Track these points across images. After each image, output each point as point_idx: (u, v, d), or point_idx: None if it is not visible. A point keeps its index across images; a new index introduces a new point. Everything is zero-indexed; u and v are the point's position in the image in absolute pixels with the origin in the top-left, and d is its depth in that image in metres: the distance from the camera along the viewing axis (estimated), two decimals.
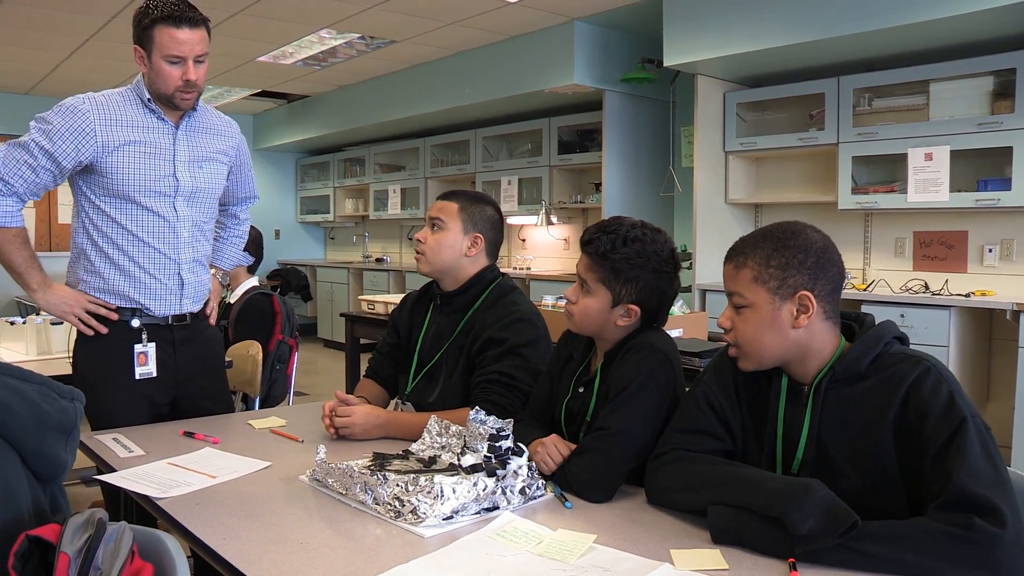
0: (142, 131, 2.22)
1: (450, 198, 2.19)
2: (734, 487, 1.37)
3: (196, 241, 2.34)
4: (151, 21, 2.12)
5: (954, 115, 4.42)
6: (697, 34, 4.91)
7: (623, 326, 1.74)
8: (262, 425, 2.16)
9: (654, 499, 1.53)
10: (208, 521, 1.44)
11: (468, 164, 7.75)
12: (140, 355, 2.27)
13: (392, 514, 1.45)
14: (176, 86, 2.17)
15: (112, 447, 1.92)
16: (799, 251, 1.42)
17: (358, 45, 6.45)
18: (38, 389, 1.31)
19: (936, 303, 4.27)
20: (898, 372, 1.36)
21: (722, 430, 1.52)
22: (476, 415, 1.67)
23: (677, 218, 6.35)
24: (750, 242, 1.47)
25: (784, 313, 1.42)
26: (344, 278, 9.10)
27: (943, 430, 1.28)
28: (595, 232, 1.75)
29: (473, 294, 2.16)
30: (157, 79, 2.17)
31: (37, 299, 2.29)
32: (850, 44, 4.42)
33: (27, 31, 5.97)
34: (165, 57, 2.13)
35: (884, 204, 4.69)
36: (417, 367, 2.21)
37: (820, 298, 1.42)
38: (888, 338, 1.42)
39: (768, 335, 1.44)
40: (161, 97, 2.20)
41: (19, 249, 2.23)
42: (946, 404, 1.30)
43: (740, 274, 1.46)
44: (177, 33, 2.12)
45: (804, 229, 1.45)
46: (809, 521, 1.23)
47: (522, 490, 1.54)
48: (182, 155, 2.27)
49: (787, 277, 1.42)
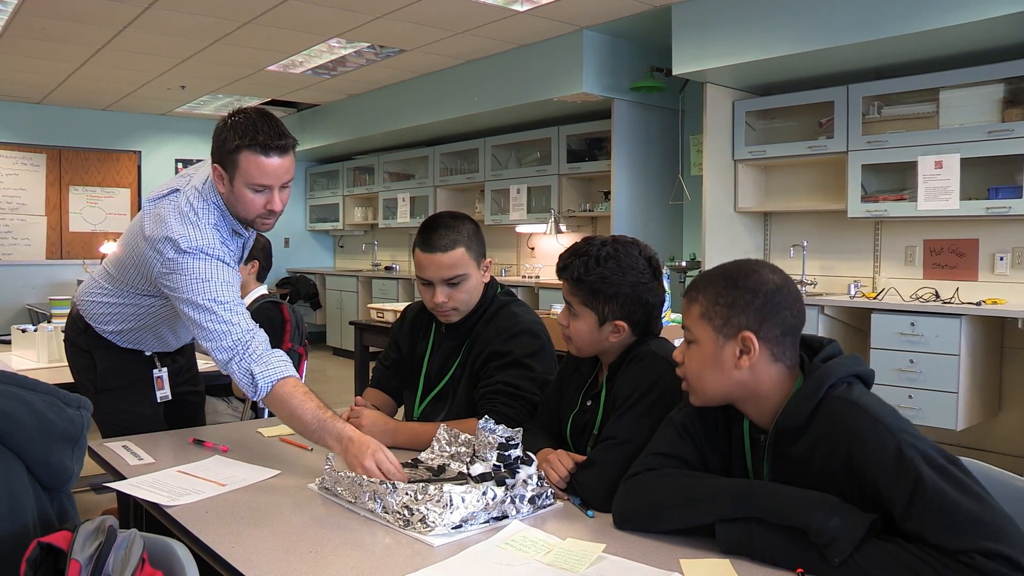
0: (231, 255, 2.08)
1: (450, 247, 2.02)
2: (740, 498, 1.34)
3: None
4: (237, 147, 1.93)
5: (964, 123, 4.40)
6: (706, 43, 4.91)
7: (616, 341, 1.75)
8: (271, 433, 2.16)
9: (629, 522, 1.45)
10: (218, 529, 1.45)
11: (477, 173, 7.76)
12: (158, 379, 2.38)
13: (401, 523, 1.45)
14: (258, 213, 2.02)
15: (122, 455, 1.93)
16: (747, 291, 1.39)
17: (367, 54, 6.48)
18: (43, 398, 1.32)
19: (947, 311, 4.25)
20: (836, 425, 1.30)
21: (698, 462, 1.48)
22: (486, 424, 1.67)
23: (686, 227, 6.35)
24: (705, 278, 1.46)
25: (727, 353, 1.39)
26: (353, 286, 9.11)
27: (900, 490, 1.21)
28: (568, 257, 1.76)
29: (477, 313, 2.15)
30: (237, 204, 2.01)
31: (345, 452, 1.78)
32: (859, 52, 4.41)
33: (40, 41, 6.02)
34: (249, 185, 1.96)
35: (894, 212, 4.68)
36: (424, 392, 2.20)
37: (766, 340, 1.38)
38: (832, 381, 1.34)
39: (710, 372, 1.41)
40: (240, 220, 2.07)
41: (304, 411, 1.84)
42: (894, 461, 1.22)
43: (691, 309, 1.45)
44: (265, 163, 1.94)
45: (761, 269, 1.41)
46: (834, 519, 1.21)
47: (531, 499, 1.54)
48: (244, 254, 2.24)
49: (732, 316, 1.39)
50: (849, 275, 5.15)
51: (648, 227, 6.13)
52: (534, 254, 7.68)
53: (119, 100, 8.27)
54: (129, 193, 9.21)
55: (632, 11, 5.28)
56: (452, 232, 2.05)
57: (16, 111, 8.37)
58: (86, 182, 8.96)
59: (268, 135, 1.93)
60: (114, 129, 8.96)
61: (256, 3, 5.13)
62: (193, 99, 8.23)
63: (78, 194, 8.92)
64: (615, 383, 1.73)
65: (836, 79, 4.91)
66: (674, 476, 1.45)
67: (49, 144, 8.65)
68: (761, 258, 5.68)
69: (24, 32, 5.77)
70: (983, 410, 4.39)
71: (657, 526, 1.42)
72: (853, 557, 1.20)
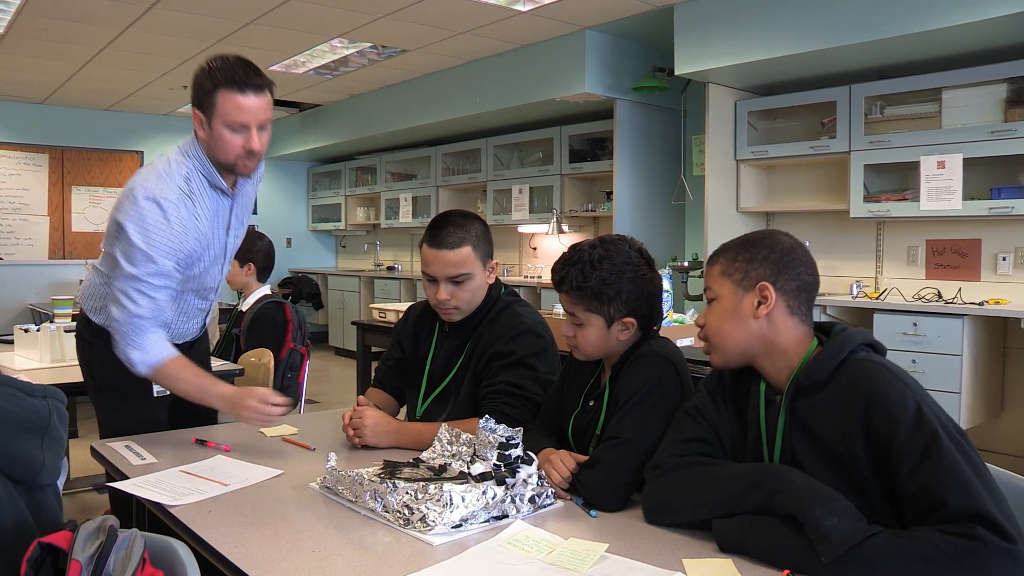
0: (214, 218, 2.14)
1: (457, 245, 2.03)
2: (756, 483, 1.35)
3: (219, 288, 2.37)
4: (213, 85, 1.98)
5: (967, 123, 4.40)
6: (708, 43, 4.91)
7: (625, 339, 1.75)
8: (274, 433, 2.16)
9: (656, 516, 1.48)
10: (220, 528, 1.45)
11: (479, 173, 7.76)
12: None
13: (401, 522, 1.45)
14: (237, 155, 2.04)
15: (124, 455, 1.93)
16: (764, 248, 1.49)
17: (370, 54, 6.49)
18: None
19: (949, 312, 4.25)
20: (859, 381, 1.36)
21: (714, 438, 1.53)
22: (486, 424, 1.67)
23: (688, 227, 6.35)
24: (727, 243, 1.56)
25: (746, 304, 1.47)
26: (355, 286, 9.12)
27: (914, 445, 1.26)
28: (562, 268, 1.77)
29: (481, 313, 2.15)
30: (217, 146, 2.04)
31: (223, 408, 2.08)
32: (862, 52, 4.41)
33: (42, 41, 6.03)
34: (227, 124, 1.99)
35: (896, 212, 4.67)
36: (426, 391, 2.20)
37: (782, 291, 1.46)
38: (853, 345, 1.41)
39: (729, 325, 1.49)
40: (221, 165, 2.09)
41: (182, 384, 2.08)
42: (914, 417, 1.28)
43: (712, 269, 1.54)
44: (241, 100, 1.97)
45: (776, 233, 1.53)
46: (832, 519, 1.22)
47: (531, 499, 1.54)
48: (234, 223, 2.24)
49: (750, 270, 1.48)
50: (851, 275, 5.15)
51: (650, 227, 6.13)
52: (536, 254, 7.68)
53: (121, 100, 8.28)
54: None
55: (634, 11, 5.28)
56: (461, 230, 2.05)
57: (18, 111, 8.38)
58: (88, 182, 8.97)
59: (244, 74, 1.97)
60: (116, 129, 8.97)
61: (258, 3, 5.13)
62: None
63: (80, 194, 8.93)
64: (618, 383, 1.73)
65: (838, 79, 4.91)
66: (693, 469, 1.47)
67: (51, 144, 8.66)
68: None
69: (27, 32, 5.78)
70: (986, 410, 4.39)
71: (682, 519, 1.45)
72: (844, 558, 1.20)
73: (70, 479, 3.99)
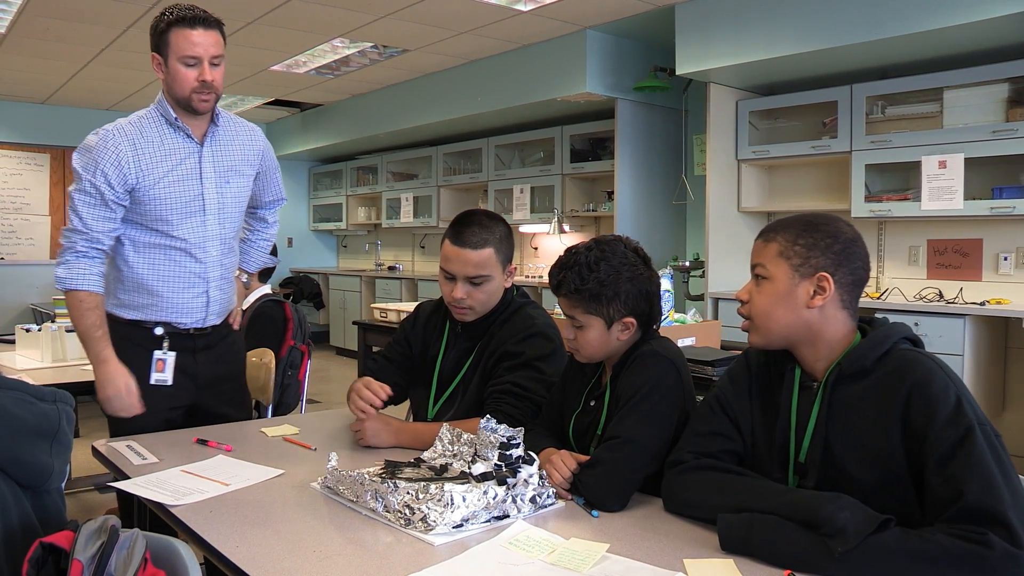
0: (170, 156, 2.23)
1: (480, 245, 2.02)
2: (761, 495, 1.37)
3: (224, 257, 2.36)
4: (166, 25, 2.15)
5: (968, 123, 4.40)
6: (709, 42, 4.91)
7: (626, 339, 1.75)
8: (275, 433, 2.16)
9: (675, 507, 1.52)
10: (221, 528, 1.45)
11: (480, 172, 7.76)
12: (159, 362, 2.30)
13: (402, 522, 1.45)
14: (192, 87, 2.17)
15: (126, 454, 1.93)
16: (827, 236, 1.45)
17: (371, 54, 6.49)
18: (9, 395, 1.30)
19: (951, 311, 4.24)
20: (903, 369, 1.36)
21: (733, 430, 1.54)
22: (487, 423, 1.67)
23: (689, 226, 6.34)
24: (784, 221, 1.51)
25: (801, 291, 1.45)
26: (356, 286, 9.12)
27: (948, 435, 1.26)
28: (559, 273, 1.76)
29: (494, 315, 2.14)
30: (174, 83, 2.18)
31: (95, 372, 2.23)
32: (863, 52, 4.41)
33: (44, 41, 6.03)
34: (181, 59, 2.15)
35: (898, 212, 4.67)
36: (438, 392, 2.19)
37: (839, 284, 1.44)
38: (897, 337, 1.42)
39: (781, 309, 1.46)
40: (180, 102, 2.21)
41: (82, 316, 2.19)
42: (953, 409, 1.28)
43: (767, 248, 1.49)
44: (192, 34, 2.14)
45: (838, 220, 1.49)
46: (845, 512, 1.22)
47: (532, 499, 1.54)
48: (208, 173, 2.29)
49: (811, 257, 1.44)
50: None
51: (651, 227, 6.13)
52: (537, 254, 7.68)
53: (123, 100, 8.28)
54: None
55: (635, 11, 5.27)
56: (485, 231, 2.04)
57: (20, 111, 8.39)
58: None
59: (192, 11, 2.16)
60: None
61: (259, 3, 5.13)
62: None
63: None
64: (619, 383, 1.73)
65: (840, 79, 4.91)
66: (708, 473, 1.49)
67: (53, 144, 8.66)
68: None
69: (28, 32, 5.78)
70: (987, 410, 4.36)
71: (696, 515, 1.47)
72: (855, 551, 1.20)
73: (71, 479, 4.00)
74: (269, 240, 2.72)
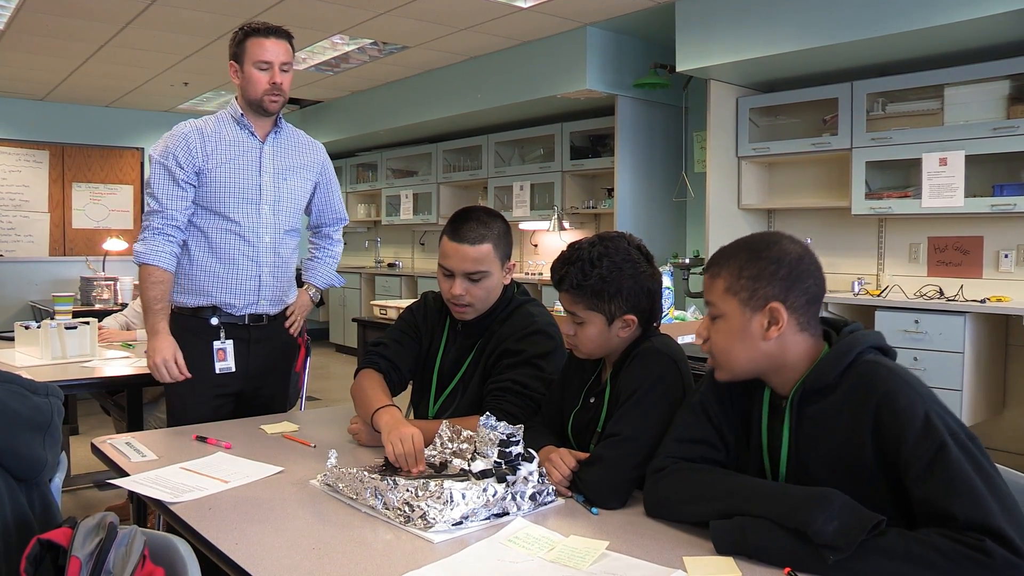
0: (234, 146, 2.49)
1: (479, 241, 2.02)
2: (749, 497, 1.34)
3: (278, 246, 2.56)
4: (244, 35, 2.45)
5: (969, 120, 4.39)
6: (710, 39, 4.90)
7: (626, 336, 1.75)
8: (274, 430, 2.16)
9: (656, 511, 1.49)
10: (220, 525, 1.44)
11: (480, 169, 7.75)
12: (219, 351, 2.50)
13: (402, 519, 1.45)
14: (264, 89, 2.44)
15: (125, 452, 1.93)
16: (771, 262, 1.40)
17: (371, 51, 6.48)
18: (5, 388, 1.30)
19: (951, 309, 4.24)
20: (868, 385, 1.32)
21: (717, 439, 1.51)
22: (487, 420, 1.66)
23: (689, 224, 6.34)
24: (726, 252, 1.47)
25: (755, 325, 1.41)
26: (356, 283, 9.11)
27: (922, 453, 1.23)
28: (561, 268, 1.75)
29: (494, 312, 2.14)
30: (248, 85, 2.45)
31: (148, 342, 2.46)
32: (864, 49, 4.40)
33: (43, 38, 6.03)
34: (255, 64, 2.43)
35: (898, 209, 4.67)
36: (438, 390, 2.18)
37: (793, 310, 1.40)
38: (861, 347, 1.38)
39: (738, 346, 1.43)
40: (252, 104, 2.47)
41: (148, 288, 2.43)
42: (922, 424, 1.25)
43: (714, 284, 1.46)
44: (265, 43, 2.43)
45: (780, 240, 1.44)
46: (834, 523, 1.21)
47: (532, 496, 1.53)
48: (267, 167, 2.53)
49: (758, 288, 1.40)
50: (853, 272, 5.14)
51: (651, 224, 6.12)
52: (537, 251, 7.68)
53: (122, 97, 8.28)
54: (132, 190, 9.22)
55: (636, 7, 5.27)
56: (483, 227, 2.04)
57: (19, 107, 8.38)
58: (89, 179, 8.97)
59: (266, 24, 2.45)
60: (117, 126, 8.97)
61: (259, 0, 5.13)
62: (196, 96, 8.24)
63: (81, 191, 8.93)
64: (619, 380, 1.73)
65: (840, 76, 4.90)
66: (691, 473, 1.46)
67: (52, 141, 8.65)
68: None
69: (27, 28, 5.77)
70: (988, 408, 4.38)
71: (680, 518, 1.45)
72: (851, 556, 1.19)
73: (70, 476, 4.00)
74: (335, 257, 2.92)
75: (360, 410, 2.02)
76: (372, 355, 2.17)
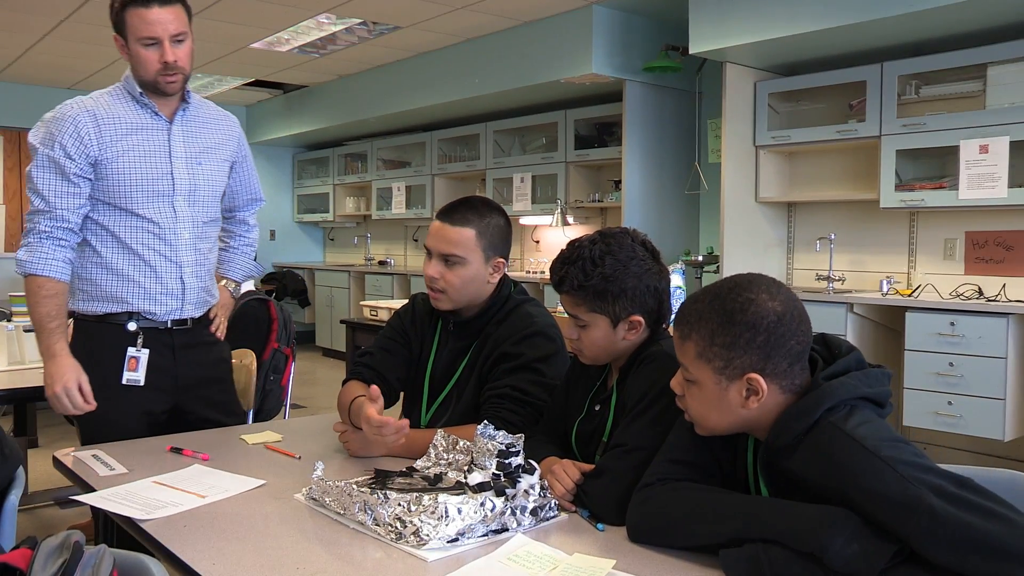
0: (135, 131, 2.27)
1: (461, 223, 2.06)
2: (758, 517, 1.32)
3: (198, 242, 2.39)
4: (121, 5, 2.17)
5: (1015, 102, 4.37)
6: (726, 18, 4.90)
7: (633, 339, 1.75)
8: (256, 440, 2.16)
9: (643, 535, 1.45)
10: (196, 544, 1.45)
11: (478, 160, 7.76)
12: (131, 360, 2.30)
13: (393, 536, 1.45)
14: (155, 70, 2.21)
15: (92, 465, 1.92)
16: (747, 328, 1.36)
17: (359, 31, 6.49)
18: None
19: (991, 310, 4.23)
20: (827, 456, 1.28)
21: (714, 466, 1.50)
22: (484, 429, 1.67)
23: (703, 218, 6.35)
24: (695, 312, 1.43)
25: (732, 393, 1.39)
26: (345, 282, 9.13)
27: (912, 526, 1.18)
28: (562, 268, 1.76)
29: (489, 312, 2.15)
30: (137, 66, 2.22)
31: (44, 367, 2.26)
32: (896, 26, 4.39)
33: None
34: (139, 40, 2.18)
35: (932, 202, 4.66)
36: (430, 398, 2.19)
37: (774, 376, 1.37)
38: (828, 405, 1.32)
39: (715, 414, 1.42)
40: (147, 84, 2.25)
41: (38, 304, 2.22)
42: (899, 496, 1.20)
43: (685, 347, 1.44)
44: (147, 13, 2.15)
45: (757, 296, 1.38)
46: (854, 545, 1.20)
47: (533, 511, 1.53)
48: (178, 151, 2.32)
49: (734, 357, 1.37)
50: (881, 271, 5.14)
51: (662, 219, 6.13)
52: (539, 248, 7.69)
53: (87, 78, 8.26)
54: None
55: None
56: (472, 212, 2.08)
57: None
58: None
59: None
60: None
61: None
62: None
63: None
64: (625, 386, 1.73)
65: (869, 56, 4.90)
66: (687, 491, 1.45)
67: (6, 125, 8.61)
68: (783, 253, 5.65)
69: None
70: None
71: (670, 542, 1.43)
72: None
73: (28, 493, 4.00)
74: (252, 245, 2.75)
75: (350, 417, 2.02)
76: (358, 366, 2.20)
